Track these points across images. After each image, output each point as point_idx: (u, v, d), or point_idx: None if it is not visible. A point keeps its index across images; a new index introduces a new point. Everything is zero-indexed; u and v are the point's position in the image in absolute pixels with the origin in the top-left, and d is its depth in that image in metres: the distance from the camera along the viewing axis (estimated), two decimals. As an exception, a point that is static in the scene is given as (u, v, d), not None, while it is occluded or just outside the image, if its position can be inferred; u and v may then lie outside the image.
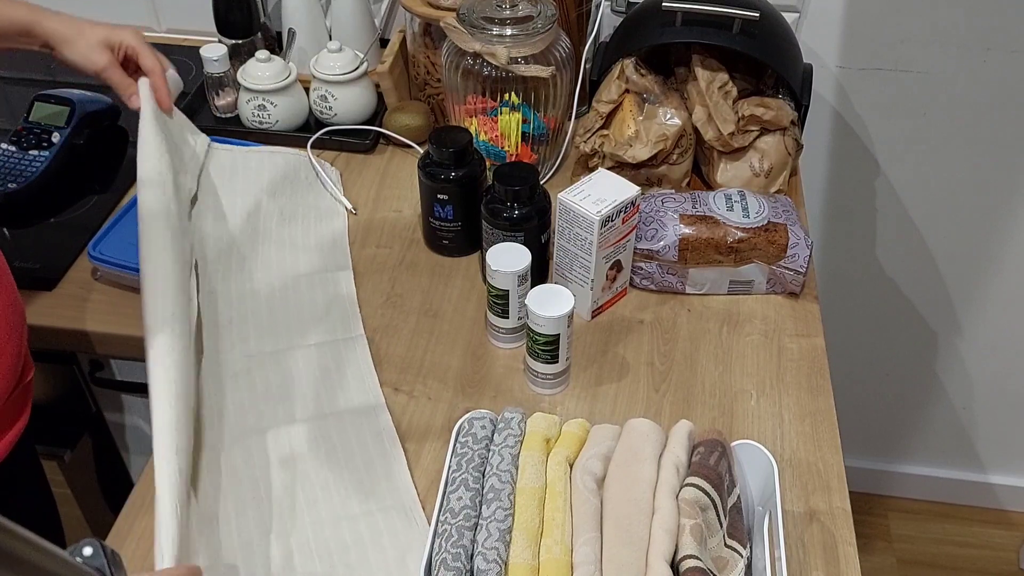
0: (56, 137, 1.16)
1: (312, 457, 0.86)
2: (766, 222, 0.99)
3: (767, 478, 0.77)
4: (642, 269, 1.02)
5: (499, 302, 0.93)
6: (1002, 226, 1.45)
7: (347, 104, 1.22)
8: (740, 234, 0.99)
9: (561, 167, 1.20)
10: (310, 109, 1.24)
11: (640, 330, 1.00)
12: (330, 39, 1.26)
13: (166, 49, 1.41)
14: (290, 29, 1.28)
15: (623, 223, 0.94)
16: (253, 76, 1.19)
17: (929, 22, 1.24)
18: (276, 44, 1.32)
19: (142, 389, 1.08)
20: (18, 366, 0.87)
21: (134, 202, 1.08)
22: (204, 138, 1.07)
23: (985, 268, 1.51)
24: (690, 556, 0.69)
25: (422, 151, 1.11)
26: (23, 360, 0.88)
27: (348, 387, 0.92)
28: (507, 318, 0.95)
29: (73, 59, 0.94)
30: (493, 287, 0.92)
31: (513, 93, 1.09)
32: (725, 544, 0.73)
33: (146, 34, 1.43)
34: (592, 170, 1.02)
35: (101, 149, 1.22)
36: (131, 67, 0.97)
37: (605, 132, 1.12)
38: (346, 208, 1.12)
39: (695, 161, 1.16)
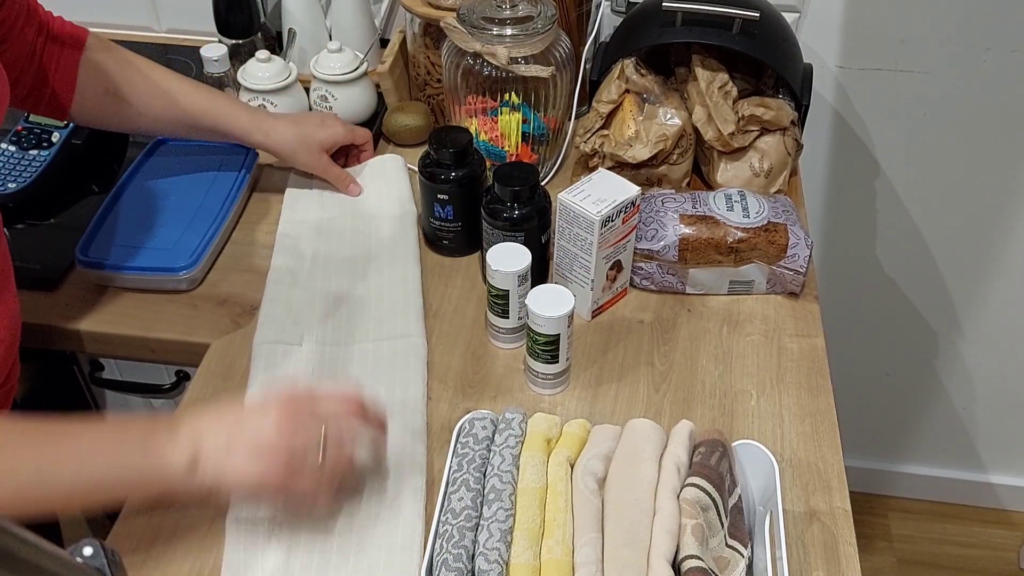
0: (56, 137, 1.16)
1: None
2: (766, 222, 0.99)
3: (768, 478, 0.77)
4: (642, 269, 1.02)
5: (499, 302, 0.93)
6: (1002, 226, 1.45)
7: (347, 104, 1.22)
8: (740, 234, 0.99)
9: (561, 167, 1.20)
10: (310, 109, 1.24)
11: (640, 330, 1.00)
12: (330, 39, 1.26)
13: (166, 49, 1.42)
14: (290, 29, 1.28)
15: (623, 223, 0.94)
16: (253, 76, 1.18)
17: (929, 22, 1.24)
18: (276, 44, 1.32)
19: (142, 389, 1.09)
20: (5, 370, 0.86)
21: (110, 203, 1.09)
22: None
23: (985, 268, 1.51)
24: (691, 556, 0.69)
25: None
26: (12, 364, 0.88)
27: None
28: (507, 318, 0.95)
29: (299, 166, 1.13)
30: (493, 287, 0.92)
31: (513, 93, 1.09)
32: (726, 544, 0.73)
33: (146, 34, 1.44)
34: (592, 170, 1.02)
35: (101, 149, 1.22)
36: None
37: (605, 132, 1.11)
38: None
39: (695, 161, 1.16)
